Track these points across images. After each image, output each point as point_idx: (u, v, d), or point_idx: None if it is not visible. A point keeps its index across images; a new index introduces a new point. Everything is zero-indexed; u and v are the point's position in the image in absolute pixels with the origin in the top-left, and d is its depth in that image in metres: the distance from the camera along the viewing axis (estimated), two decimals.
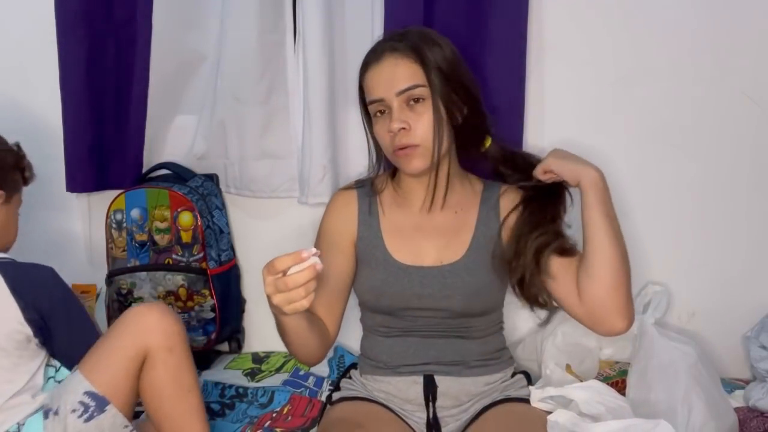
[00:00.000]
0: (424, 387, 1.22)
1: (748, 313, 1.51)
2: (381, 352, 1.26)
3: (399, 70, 1.18)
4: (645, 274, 1.55)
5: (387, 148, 1.22)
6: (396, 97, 1.17)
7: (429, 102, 1.17)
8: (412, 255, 1.24)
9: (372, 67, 1.21)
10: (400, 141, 1.18)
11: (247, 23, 1.48)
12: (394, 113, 1.17)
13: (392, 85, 1.17)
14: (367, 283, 1.25)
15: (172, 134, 1.63)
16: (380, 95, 1.19)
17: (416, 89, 1.17)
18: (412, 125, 1.17)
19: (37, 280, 1.20)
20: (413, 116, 1.17)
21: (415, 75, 1.17)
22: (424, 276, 1.22)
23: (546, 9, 1.48)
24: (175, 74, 1.57)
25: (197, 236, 1.53)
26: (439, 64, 1.17)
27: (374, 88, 1.20)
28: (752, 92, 1.46)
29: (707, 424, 1.25)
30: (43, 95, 1.57)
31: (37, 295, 1.18)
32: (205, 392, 1.48)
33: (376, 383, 1.25)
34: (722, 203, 1.52)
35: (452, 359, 1.23)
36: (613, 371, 1.48)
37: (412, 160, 1.19)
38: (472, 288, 1.21)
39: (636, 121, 1.51)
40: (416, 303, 1.22)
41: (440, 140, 1.18)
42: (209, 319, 1.55)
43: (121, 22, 1.50)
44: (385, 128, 1.20)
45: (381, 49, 1.20)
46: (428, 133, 1.17)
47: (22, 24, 1.57)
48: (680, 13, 1.46)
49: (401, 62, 1.18)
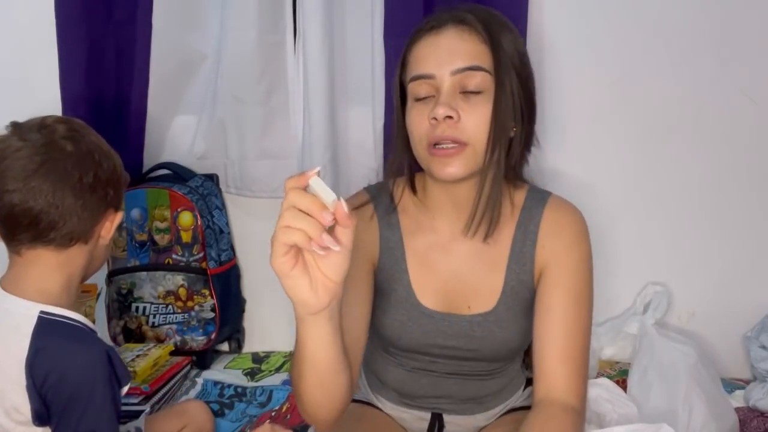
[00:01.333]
0: (430, 423, 1.15)
1: (748, 313, 1.51)
2: (390, 379, 1.15)
3: (462, 44, 0.94)
4: (645, 274, 1.55)
5: (421, 141, 0.95)
6: (450, 76, 0.93)
7: (489, 94, 0.94)
8: (438, 298, 1.05)
9: (427, 35, 0.96)
10: (443, 132, 0.92)
11: (247, 23, 1.48)
12: (442, 96, 0.93)
13: (450, 60, 0.93)
14: (381, 319, 1.07)
15: (172, 134, 1.63)
16: (430, 70, 0.94)
17: (478, 72, 0.93)
18: (462, 116, 0.93)
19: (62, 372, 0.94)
20: (465, 107, 0.93)
21: (480, 55, 0.93)
22: (449, 325, 1.05)
23: (546, 9, 1.47)
24: (175, 74, 1.57)
25: (197, 236, 1.53)
26: (511, 54, 0.95)
27: (424, 60, 0.95)
28: (752, 92, 1.46)
29: (708, 424, 1.24)
30: (43, 95, 1.56)
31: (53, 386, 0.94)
32: (204, 392, 1.48)
33: (381, 404, 1.19)
34: (722, 203, 1.52)
35: (465, 398, 1.12)
36: (614, 371, 1.48)
37: (452, 163, 0.94)
38: (502, 341, 1.06)
39: (636, 121, 1.50)
40: (437, 351, 1.07)
41: (499, 141, 0.94)
42: (209, 319, 1.55)
43: (121, 22, 1.50)
44: (424, 114, 0.94)
45: (443, 18, 0.96)
46: (481, 131, 0.93)
47: (22, 24, 1.57)
48: (680, 13, 1.46)
49: (467, 37, 0.94)
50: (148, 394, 1.37)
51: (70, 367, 0.94)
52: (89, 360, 0.95)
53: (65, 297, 1.00)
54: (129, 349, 1.48)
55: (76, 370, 0.94)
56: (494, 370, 1.12)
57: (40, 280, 0.98)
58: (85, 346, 0.97)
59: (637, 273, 1.56)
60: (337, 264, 0.74)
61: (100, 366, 0.95)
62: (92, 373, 0.95)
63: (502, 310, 1.04)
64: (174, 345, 1.54)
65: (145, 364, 1.40)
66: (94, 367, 0.95)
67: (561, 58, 1.49)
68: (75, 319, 0.99)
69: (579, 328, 0.99)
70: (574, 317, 0.99)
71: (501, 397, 1.16)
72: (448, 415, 1.14)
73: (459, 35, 0.94)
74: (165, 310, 1.56)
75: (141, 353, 1.45)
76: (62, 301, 0.99)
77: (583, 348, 0.99)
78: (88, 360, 0.95)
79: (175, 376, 1.48)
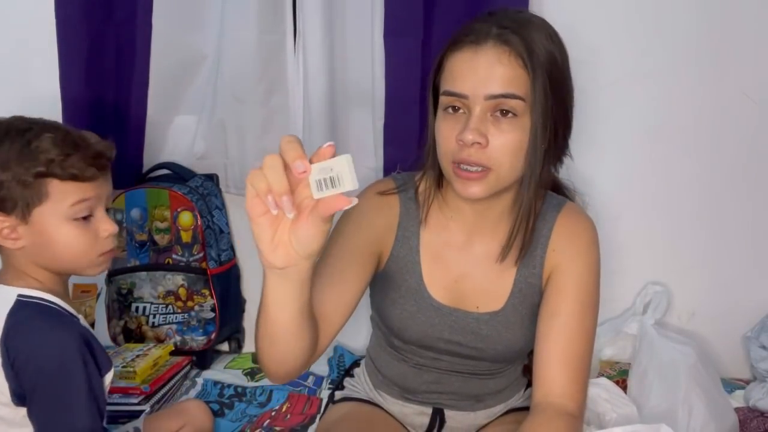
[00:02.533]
0: (431, 418, 1.17)
1: (748, 313, 1.51)
2: (393, 374, 1.17)
3: (501, 69, 0.92)
4: (645, 274, 1.55)
5: (447, 155, 0.96)
6: (484, 100, 0.92)
7: (521, 121, 0.93)
8: (447, 294, 1.06)
9: (466, 49, 0.93)
10: (468, 156, 0.92)
11: (247, 23, 1.48)
12: (472, 120, 0.92)
13: (485, 84, 0.92)
14: (390, 309, 1.08)
15: (172, 134, 1.63)
16: (466, 91, 0.92)
17: (512, 101, 0.92)
18: (490, 141, 0.92)
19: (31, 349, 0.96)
20: (495, 132, 0.92)
21: (517, 82, 0.92)
22: (456, 320, 1.06)
23: (546, 9, 1.47)
24: (175, 74, 1.56)
25: (197, 236, 1.53)
26: (550, 72, 0.93)
27: (460, 78, 0.93)
28: (752, 92, 1.46)
29: (707, 424, 1.25)
30: (43, 95, 1.56)
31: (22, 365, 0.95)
32: (204, 392, 1.48)
33: (383, 399, 1.20)
34: (722, 203, 1.52)
35: (467, 395, 1.15)
36: (614, 371, 1.48)
37: (473, 185, 0.94)
38: (508, 342, 1.07)
39: (636, 121, 1.51)
40: (442, 346, 1.08)
41: (533, 171, 0.95)
42: (209, 319, 1.55)
43: (121, 22, 1.50)
44: (453, 131, 0.94)
45: (486, 32, 0.93)
46: (507, 158, 0.93)
47: (22, 24, 1.57)
48: (680, 13, 1.46)
49: (506, 61, 0.92)
50: (148, 394, 1.36)
51: (39, 345, 0.95)
52: (58, 340, 0.96)
53: (49, 285, 1.02)
54: (129, 349, 1.48)
55: (45, 349, 0.95)
56: (496, 370, 1.13)
57: (16, 269, 1.02)
58: (56, 325, 0.98)
59: (637, 273, 1.56)
60: (305, 237, 0.71)
61: (73, 348, 0.96)
62: (62, 354, 0.95)
63: (509, 311, 1.06)
64: (174, 345, 1.54)
65: (145, 364, 1.40)
66: (65, 348, 0.95)
67: None
68: (51, 301, 1.00)
69: (582, 334, 1.00)
70: (578, 322, 1.00)
71: (502, 397, 1.18)
72: (449, 410, 1.16)
73: (498, 57, 0.92)
74: (165, 310, 1.56)
75: (141, 353, 1.45)
76: (46, 288, 1.02)
77: (585, 354, 1.00)
78: (58, 340, 0.96)
79: (175, 376, 1.48)
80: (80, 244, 1.01)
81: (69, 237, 1.00)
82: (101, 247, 1.03)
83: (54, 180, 0.98)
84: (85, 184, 1.00)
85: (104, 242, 1.04)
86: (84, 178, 1.00)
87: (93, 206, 1.02)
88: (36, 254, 1.01)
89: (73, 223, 1.00)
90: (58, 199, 0.99)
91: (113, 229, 1.04)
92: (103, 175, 1.03)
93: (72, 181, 0.99)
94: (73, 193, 0.99)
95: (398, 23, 1.38)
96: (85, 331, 1.00)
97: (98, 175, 1.02)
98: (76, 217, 1.00)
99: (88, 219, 1.02)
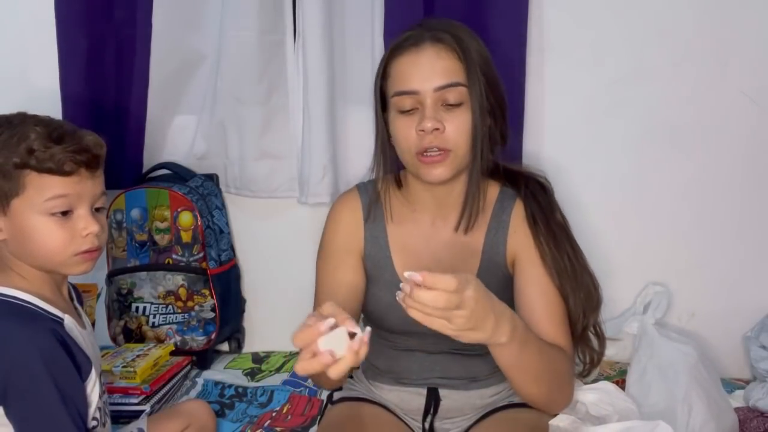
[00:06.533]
0: (426, 399, 1.19)
1: (748, 313, 1.51)
2: (385, 362, 1.22)
3: (441, 63, 1.06)
4: (645, 274, 1.55)
5: (409, 149, 1.08)
6: (433, 92, 1.05)
7: (466, 105, 1.07)
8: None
9: (407, 53, 1.07)
10: (430, 143, 1.05)
11: (247, 23, 1.48)
12: (427, 111, 1.05)
13: (431, 78, 1.05)
14: (371, 303, 1.19)
15: (172, 134, 1.63)
16: (414, 86, 1.06)
17: (456, 88, 1.05)
18: (446, 127, 1.05)
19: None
20: (448, 118, 1.06)
21: (456, 72, 1.06)
22: None
23: (546, 10, 1.47)
24: (175, 74, 1.57)
25: (197, 236, 1.53)
26: (480, 64, 1.07)
27: (408, 78, 1.07)
28: (751, 92, 1.46)
29: (707, 424, 1.24)
30: (43, 95, 1.56)
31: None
32: (205, 392, 1.48)
33: (379, 390, 1.23)
34: (722, 203, 1.52)
35: (458, 374, 1.19)
36: (613, 371, 1.49)
37: (438, 167, 1.07)
38: None
39: (636, 121, 1.51)
40: (422, 328, 1.10)
41: (478, 147, 1.07)
42: (209, 319, 1.55)
43: (121, 22, 1.50)
44: (411, 126, 1.07)
45: (421, 36, 1.08)
46: (462, 138, 1.07)
47: (22, 24, 1.57)
48: (680, 13, 1.46)
49: (444, 55, 1.06)
50: (149, 394, 1.36)
51: (4, 343, 0.92)
52: (25, 338, 0.92)
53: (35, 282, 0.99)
54: (129, 349, 1.48)
55: (11, 348, 0.92)
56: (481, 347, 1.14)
57: (2, 263, 1.00)
58: (24, 323, 0.94)
59: (637, 273, 1.56)
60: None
61: (41, 346, 0.92)
62: (28, 352, 0.92)
63: None
64: (174, 345, 1.54)
65: (145, 364, 1.40)
66: (32, 346, 0.92)
67: (561, 59, 1.49)
68: (26, 300, 0.97)
69: (556, 289, 1.11)
70: (548, 282, 1.11)
71: (494, 379, 1.20)
72: (443, 389, 1.19)
73: (437, 53, 1.06)
74: (165, 310, 1.56)
75: (141, 353, 1.45)
76: (31, 285, 0.99)
77: (561, 305, 1.12)
78: (25, 337, 0.92)
79: (176, 376, 1.48)
80: (53, 240, 0.97)
81: (43, 232, 0.96)
82: (77, 246, 0.98)
83: (32, 172, 0.95)
84: (64, 178, 0.96)
85: (82, 241, 0.98)
86: (62, 172, 0.96)
87: (73, 203, 0.98)
88: (15, 249, 0.98)
89: (50, 219, 0.96)
90: (34, 192, 0.95)
91: (94, 228, 0.99)
92: (88, 171, 0.99)
93: (49, 174, 0.95)
94: (50, 188, 0.96)
95: (398, 23, 1.38)
96: (63, 333, 0.96)
97: (78, 171, 0.97)
98: (52, 212, 0.96)
99: (67, 215, 0.97)
